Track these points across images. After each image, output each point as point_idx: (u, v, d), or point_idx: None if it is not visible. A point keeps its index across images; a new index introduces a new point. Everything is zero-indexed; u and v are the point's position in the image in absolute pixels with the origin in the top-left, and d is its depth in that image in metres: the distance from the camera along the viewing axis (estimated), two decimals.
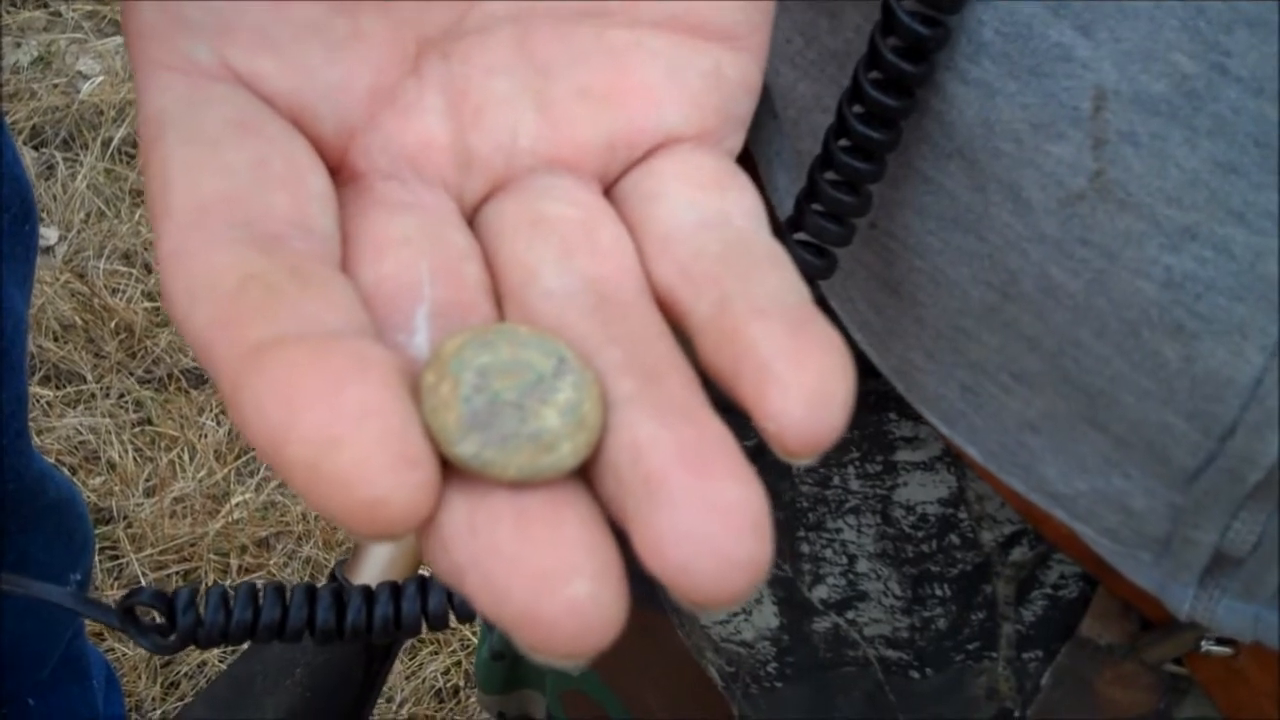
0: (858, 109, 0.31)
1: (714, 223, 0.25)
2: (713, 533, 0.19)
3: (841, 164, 0.32)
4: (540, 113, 0.26)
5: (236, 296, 0.20)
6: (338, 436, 0.19)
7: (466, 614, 0.35)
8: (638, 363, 0.22)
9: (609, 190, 0.26)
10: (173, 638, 0.36)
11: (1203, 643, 0.43)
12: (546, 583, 0.19)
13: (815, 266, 0.33)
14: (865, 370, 0.45)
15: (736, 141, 0.27)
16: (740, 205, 0.25)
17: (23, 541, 0.93)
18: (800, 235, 0.33)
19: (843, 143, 0.32)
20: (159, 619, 0.36)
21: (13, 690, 0.99)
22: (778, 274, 0.23)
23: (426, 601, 0.34)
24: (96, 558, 1.39)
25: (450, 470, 0.20)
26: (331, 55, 0.25)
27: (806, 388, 0.21)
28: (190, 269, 0.21)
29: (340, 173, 0.25)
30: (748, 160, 0.42)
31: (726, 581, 0.19)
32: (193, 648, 0.37)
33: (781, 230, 0.33)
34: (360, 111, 0.25)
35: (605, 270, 0.24)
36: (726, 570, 0.19)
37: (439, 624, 0.35)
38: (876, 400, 0.46)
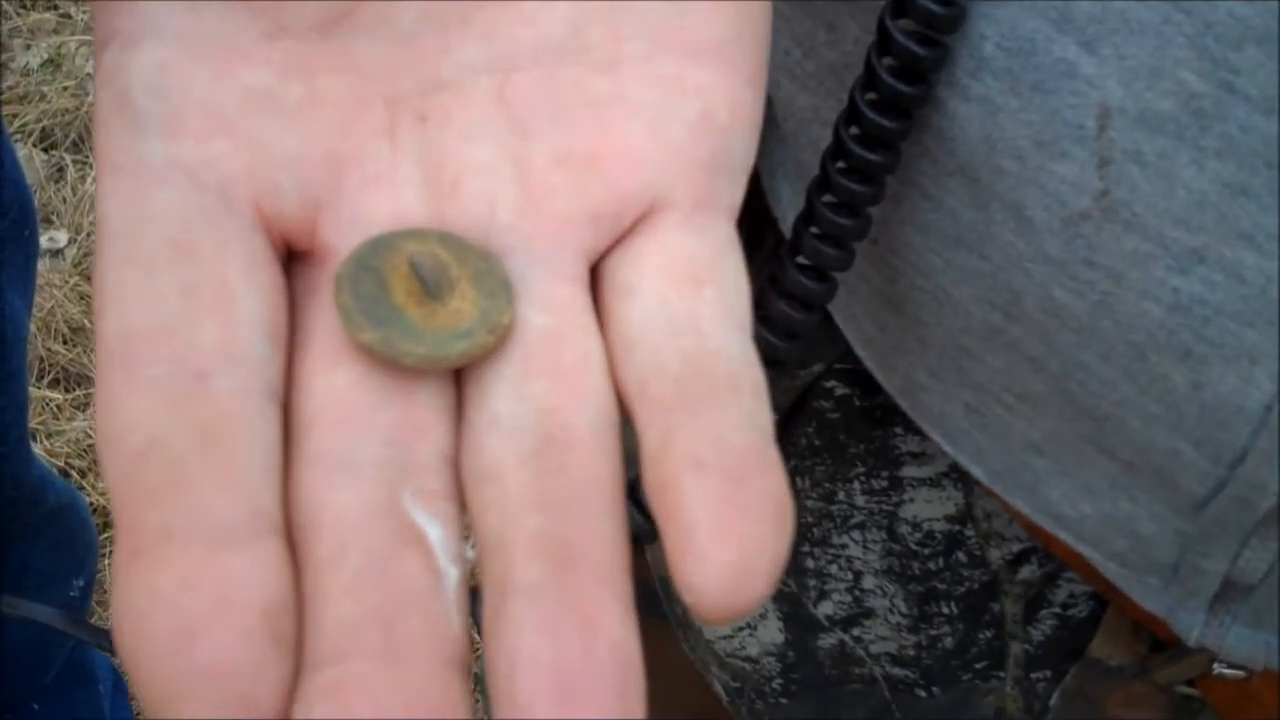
0: (854, 131, 0.31)
1: (681, 329, 0.23)
2: None
3: (839, 186, 0.31)
4: (520, 184, 0.25)
5: (138, 465, 0.20)
6: (180, 694, 0.19)
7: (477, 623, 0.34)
8: (555, 538, 0.21)
9: (596, 265, 0.25)
10: None
11: (1215, 664, 0.42)
12: None
13: (814, 291, 0.32)
14: (870, 385, 0.45)
15: (734, 195, 0.26)
16: (716, 304, 0.24)
17: (24, 548, 0.93)
18: (799, 259, 0.32)
19: (840, 165, 0.31)
20: None
21: (16, 695, 0.99)
22: (734, 404, 0.22)
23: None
24: (105, 561, 1.39)
25: (315, 680, 0.20)
26: (287, 125, 0.24)
27: (726, 564, 0.20)
28: (109, 413, 0.21)
29: (312, 252, 0.24)
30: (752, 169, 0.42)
31: None
32: None
33: (780, 252, 0.33)
34: (325, 182, 0.24)
35: (561, 399, 0.23)
36: None
37: None
38: (882, 415, 0.46)
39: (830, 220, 0.31)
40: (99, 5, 0.24)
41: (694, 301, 0.24)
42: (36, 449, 1.01)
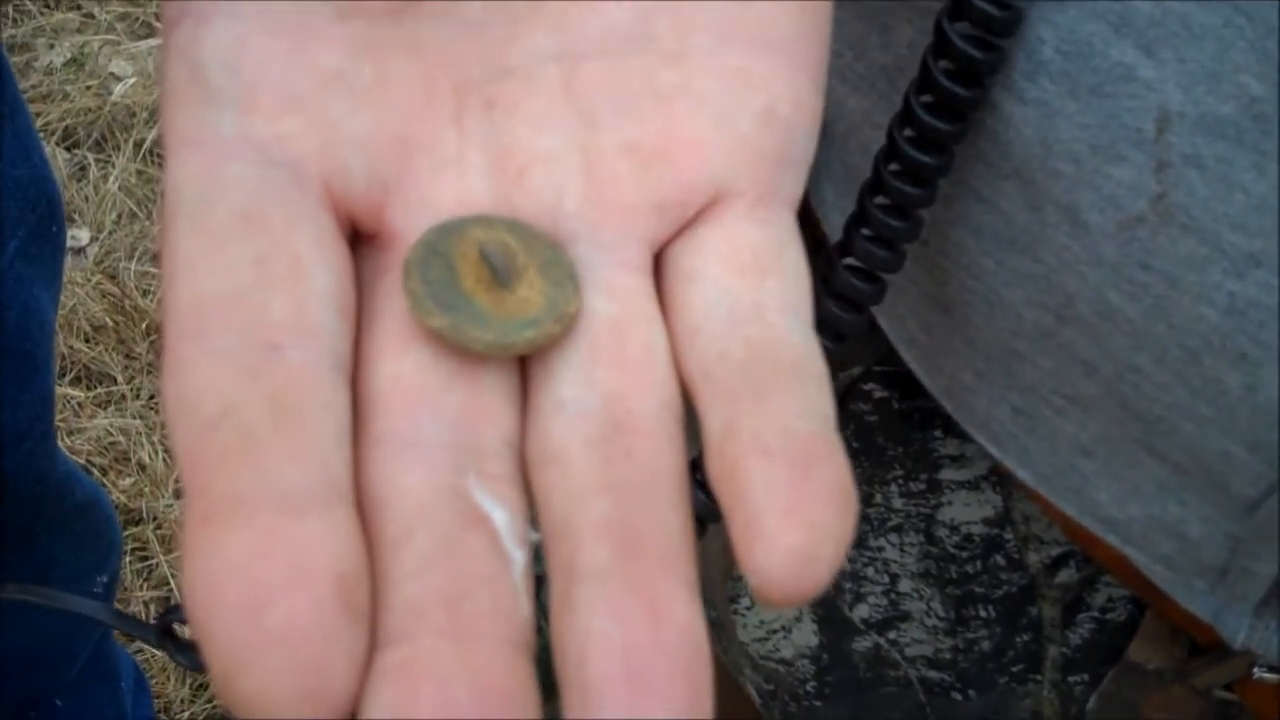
0: (909, 133, 0.31)
1: (745, 318, 0.24)
2: None
3: (892, 189, 0.31)
4: (587, 173, 0.25)
5: (210, 433, 0.20)
6: (250, 661, 0.19)
7: None
8: (622, 523, 0.21)
9: (660, 253, 0.25)
10: None
11: (1255, 669, 0.42)
12: None
13: (864, 292, 0.32)
14: (910, 388, 0.45)
15: (797, 188, 0.26)
16: (779, 294, 0.24)
17: (49, 544, 0.93)
18: (849, 260, 0.32)
19: (893, 167, 0.31)
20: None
21: (41, 690, 1.00)
22: (799, 391, 0.22)
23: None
24: (127, 559, 1.39)
25: (382, 659, 0.20)
26: (357, 105, 0.24)
27: (792, 547, 0.20)
28: (180, 382, 0.21)
29: (378, 235, 0.24)
30: None
31: None
32: None
33: (829, 252, 0.33)
34: (393, 164, 0.24)
35: (627, 386, 0.23)
36: None
37: None
38: (921, 418, 0.46)
39: (882, 222, 0.31)
40: None
41: (758, 291, 0.24)
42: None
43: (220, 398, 0.21)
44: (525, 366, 0.24)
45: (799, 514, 0.21)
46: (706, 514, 0.34)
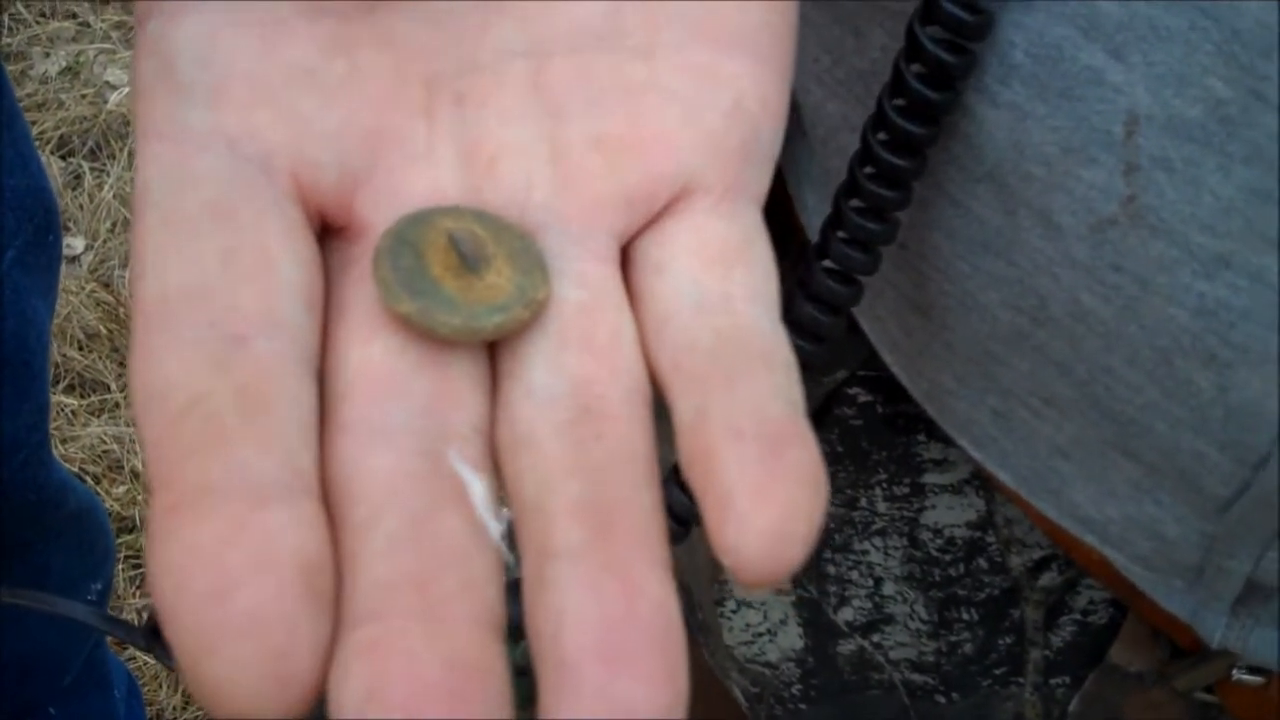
0: (882, 136, 0.31)
1: (713, 308, 0.24)
2: None
3: (867, 191, 0.31)
4: (555, 165, 0.25)
5: (178, 423, 0.21)
6: (214, 646, 0.19)
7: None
8: (594, 503, 0.22)
9: (628, 246, 0.26)
10: None
11: (1234, 671, 0.42)
12: None
13: (841, 295, 0.32)
14: (893, 393, 0.45)
15: (763, 182, 0.27)
16: (746, 285, 0.24)
17: (44, 552, 0.93)
18: (826, 263, 0.32)
19: (868, 170, 0.31)
20: None
21: (35, 698, 1.00)
22: (768, 377, 0.23)
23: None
24: (119, 566, 1.39)
25: (352, 638, 0.20)
26: (327, 99, 0.24)
27: (765, 526, 0.20)
28: (148, 372, 0.21)
29: (348, 227, 0.25)
30: (776, 176, 0.42)
31: None
32: None
33: (808, 255, 0.33)
34: (363, 158, 0.25)
35: (595, 371, 0.23)
36: None
37: None
38: (905, 422, 0.46)
39: (858, 225, 0.32)
40: None
41: (725, 282, 0.24)
42: None
43: (189, 388, 0.21)
44: (494, 354, 0.24)
45: (771, 494, 0.21)
46: (689, 515, 0.34)
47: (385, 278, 0.23)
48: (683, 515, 0.34)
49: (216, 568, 0.19)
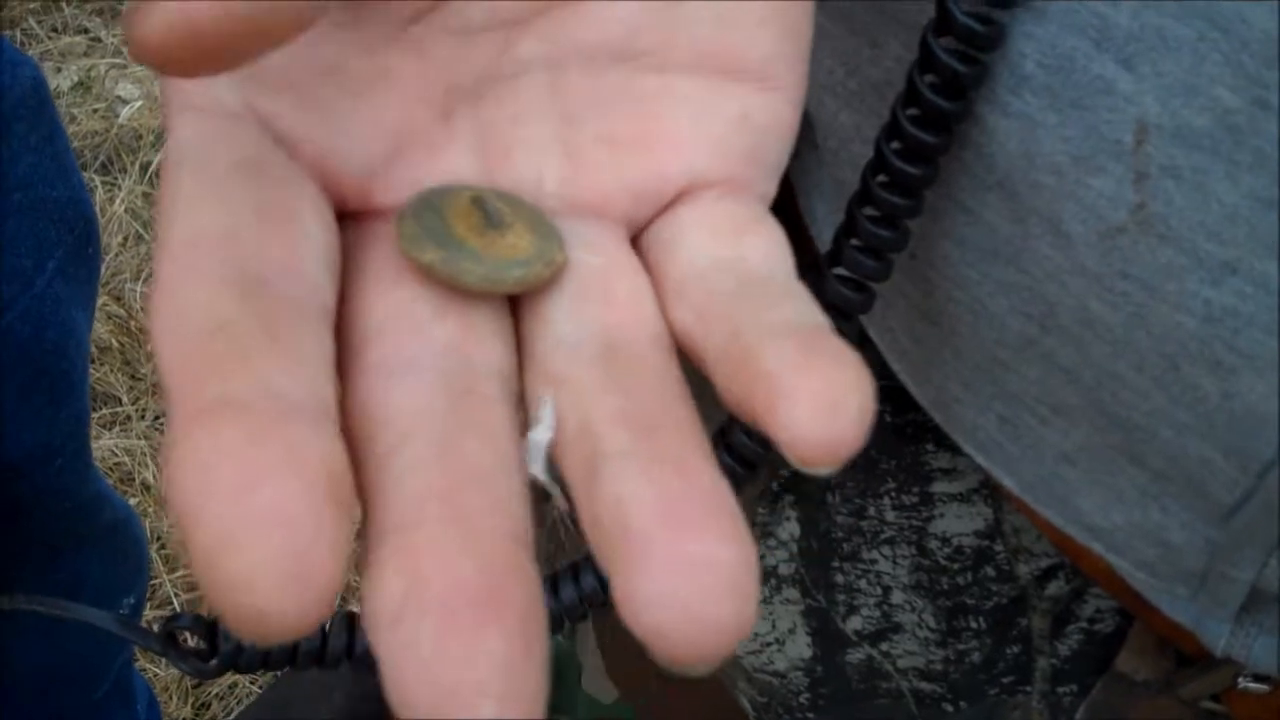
0: (896, 145, 0.32)
1: (729, 265, 0.25)
2: (689, 594, 0.19)
3: (879, 199, 0.32)
4: (567, 159, 0.26)
5: (203, 344, 0.20)
6: (237, 540, 0.18)
7: (599, 603, 0.35)
8: (635, 413, 0.22)
9: (636, 238, 0.27)
10: (214, 662, 0.37)
11: (1240, 679, 0.43)
12: (451, 700, 0.18)
13: (853, 301, 0.33)
14: (903, 402, 0.45)
15: (769, 187, 0.27)
16: (758, 249, 0.25)
17: (77, 562, 0.93)
18: (839, 270, 0.33)
19: (881, 178, 0.32)
20: (200, 643, 0.37)
21: (65, 710, 1.00)
22: (792, 303, 0.23)
23: (559, 596, 0.35)
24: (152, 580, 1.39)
25: (384, 548, 0.20)
26: (356, 97, 0.25)
27: (815, 395, 0.20)
28: (172, 302, 0.21)
29: (365, 212, 0.25)
30: (787, 189, 0.43)
31: (701, 646, 0.19)
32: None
33: (819, 263, 0.34)
34: (384, 153, 0.25)
35: (618, 319, 0.24)
36: (701, 634, 0.19)
37: (578, 615, 0.35)
38: (914, 431, 0.46)
39: (870, 232, 0.32)
40: None
41: (738, 246, 0.25)
42: None
43: (213, 314, 0.21)
44: (517, 312, 0.25)
45: (816, 371, 0.21)
46: (755, 458, 0.34)
47: (410, 231, 0.24)
48: (750, 458, 0.35)
49: (241, 464, 0.19)
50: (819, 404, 0.20)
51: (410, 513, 0.20)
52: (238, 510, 0.18)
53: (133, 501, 1.50)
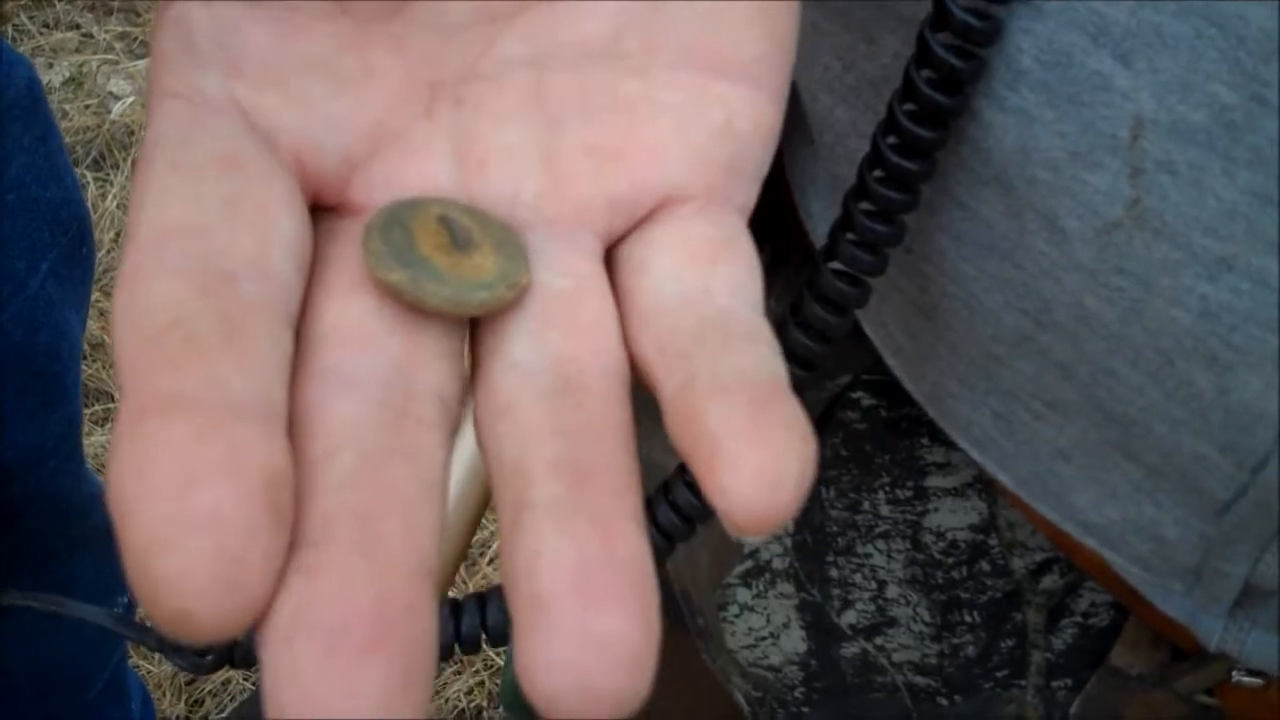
0: (892, 140, 0.32)
1: (695, 298, 0.25)
2: (587, 667, 0.19)
3: (876, 194, 0.32)
4: (545, 168, 0.26)
5: (160, 337, 0.20)
6: (168, 541, 0.18)
7: (500, 638, 0.35)
8: (572, 461, 0.22)
9: (612, 249, 0.26)
10: (209, 658, 0.37)
11: (1234, 673, 0.43)
12: None
13: (849, 296, 0.33)
14: (897, 396, 0.45)
15: (749, 196, 0.27)
16: (728, 280, 0.25)
17: (70, 564, 0.93)
18: (834, 265, 0.33)
19: (877, 173, 0.32)
20: None
21: (60, 709, 0.99)
22: (751, 350, 0.23)
23: (459, 625, 0.34)
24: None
25: (293, 562, 0.20)
26: (337, 91, 0.25)
27: (756, 466, 0.20)
28: (133, 295, 0.21)
29: (340, 206, 0.26)
30: (782, 184, 0.43)
31: (590, 716, 0.19)
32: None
33: (816, 257, 0.34)
34: (364, 148, 0.25)
35: (577, 350, 0.24)
36: (593, 707, 0.19)
37: (471, 648, 0.35)
38: (908, 426, 0.46)
39: (867, 226, 0.32)
40: None
41: (708, 277, 0.25)
42: None
43: (172, 309, 0.21)
44: (476, 333, 0.25)
45: (760, 438, 0.21)
46: (695, 513, 0.35)
47: (376, 249, 0.24)
48: (670, 531, 0.35)
49: (181, 463, 0.19)
50: (761, 477, 0.20)
51: (323, 530, 0.20)
52: (173, 510, 0.19)
53: None
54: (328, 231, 0.25)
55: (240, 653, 0.36)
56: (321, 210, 0.26)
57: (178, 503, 0.19)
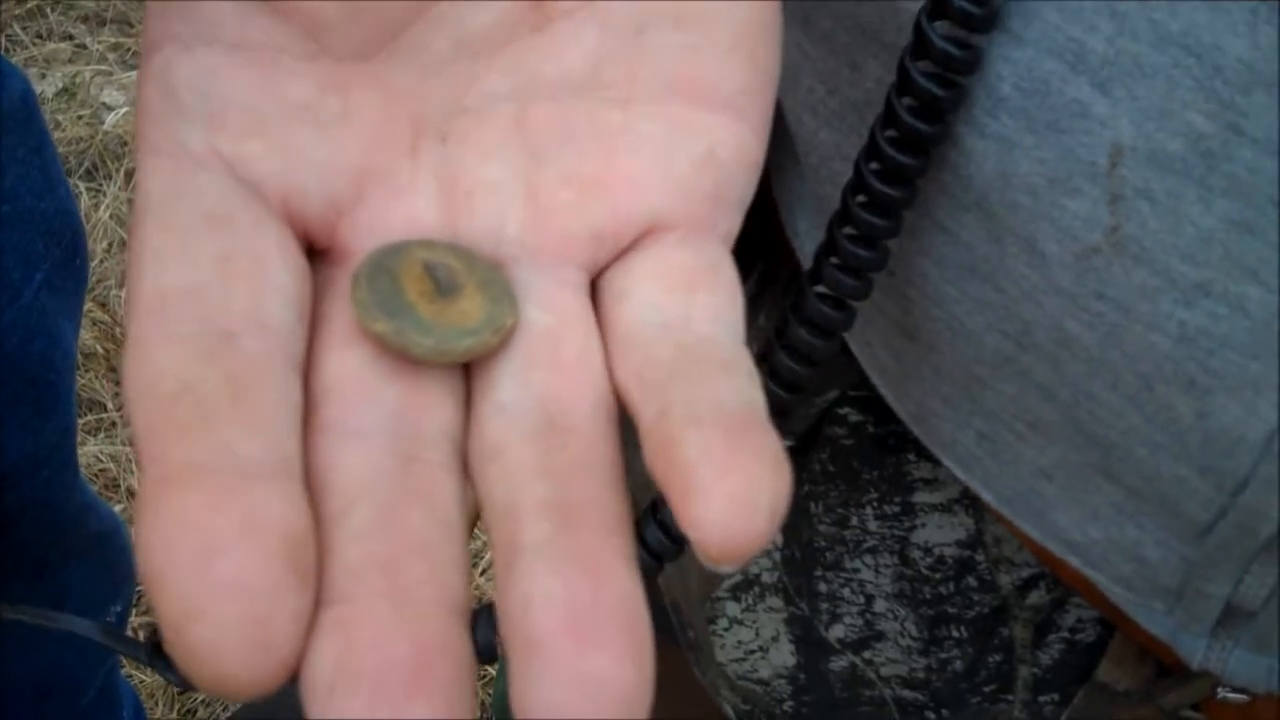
0: (874, 166, 0.32)
1: (674, 326, 0.25)
2: (576, 707, 0.20)
3: (859, 220, 0.32)
4: (528, 202, 0.26)
5: (169, 407, 0.21)
6: (199, 610, 0.19)
7: (488, 655, 0.35)
8: (561, 502, 0.22)
9: (596, 279, 0.27)
10: None
11: (1219, 689, 0.43)
12: None
13: (834, 319, 0.33)
14: (884, 413, 0.46)
15: (732, 225, 0.27)
16: (708, 308, 0.25)
17: (64, 573, 0.93)
18: (819, 288, 0.33)
19: (860, 199, 0.32)
20: None
21: (53, 718, 0.99)
22: (728, 380, 0.23)
23: None
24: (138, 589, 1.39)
25: (326, 617, 0.20)
26: (320, 135, 0.25)
27: (728, 495, 0.21)
28: (140, 364, 0.22)
29: (330, 251, 0.26)
30: (770, 203, 0.43)
31: None
32: None
33: (801, 281, 0.34)
34: (349, 190, 0.26)
35: (562, 388, 0.24)
36: None
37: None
38: (895, 442, 0.47)
39: (850, 251, 0.33)
40: (154, 8, 0.26)
41: (687, 305, 0.25)
42: None
43: (179, 376, 0.21)
44: (468, 376, 0.25)
45: (734, 468, 0.21)
46: (665, 552, 0.35)
47: (363, 299, 0.24)
48: (659, 551, 0.35)
49: (202, 534, 0.20)
50: (733, 507, 0.21)
51: (350, 583, 0.21)
52: (199, 580, 0.19)
53: (118, 508, 1.50)
54: (323, 278, 0.25)
55: None
56: (314, 254, 0.26)
57: (202, 573, 0.19)
